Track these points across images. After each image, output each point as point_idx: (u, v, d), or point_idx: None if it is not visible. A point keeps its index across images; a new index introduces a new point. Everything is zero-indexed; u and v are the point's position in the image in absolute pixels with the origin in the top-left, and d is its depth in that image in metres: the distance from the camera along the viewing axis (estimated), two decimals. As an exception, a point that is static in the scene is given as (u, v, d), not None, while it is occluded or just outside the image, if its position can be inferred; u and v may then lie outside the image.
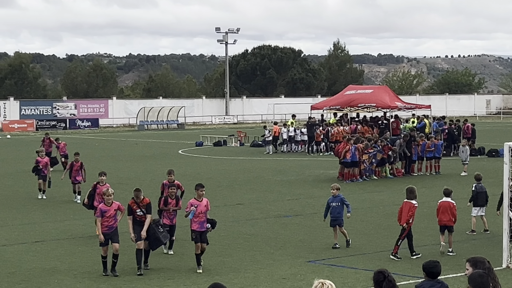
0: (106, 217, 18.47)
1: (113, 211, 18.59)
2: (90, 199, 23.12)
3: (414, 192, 20.53)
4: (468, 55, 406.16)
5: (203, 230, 18.68)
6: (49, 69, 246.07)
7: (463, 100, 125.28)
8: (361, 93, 55.67)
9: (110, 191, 18.86)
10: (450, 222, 20.65)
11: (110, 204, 18.62)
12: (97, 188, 22.95)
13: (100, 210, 18.62)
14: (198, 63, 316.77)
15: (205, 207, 18.80)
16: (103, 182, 23.14)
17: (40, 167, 31.67)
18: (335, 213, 21.41)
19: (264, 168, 43.18)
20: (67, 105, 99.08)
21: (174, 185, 21.05)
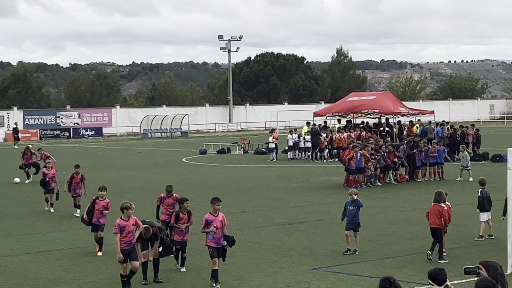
0: (125, 232, 17.64)
1: (132, 226, 17.80)
2: (90, 215, 22.08)
3: (442, 195, 20.59)
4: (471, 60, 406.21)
5: (220, 247, 17.80)
6: (52, 79, 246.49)
7: (467, 105, 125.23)
8: (364, 100, 55.66)
9: (132, 206, 18.10)
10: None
11: (128, 218, 17.81)
12: (96, 203, 22.10)
13: (118, 225, 17.62)
14: (201, 71, 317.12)
15: (221, 223, 17.85)
16: (103, 197, 22.29)
17: (47, 180, 30.83)
18: (350, 217, 21.55)
19: (268, 176, 43.17)
20: (71, 114, 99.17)
21: (186, 199, 19.94)
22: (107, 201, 22.14)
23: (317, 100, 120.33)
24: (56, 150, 72.52)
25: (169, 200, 21.88)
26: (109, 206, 22.17)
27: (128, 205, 17.91)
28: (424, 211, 24.99)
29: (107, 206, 22.10)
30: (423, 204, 29.54)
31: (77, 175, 29.65)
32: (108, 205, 22.16)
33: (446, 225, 20.57)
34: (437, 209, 20.49)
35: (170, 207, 21.66)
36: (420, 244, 22.52)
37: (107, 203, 22.16)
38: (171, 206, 21.63)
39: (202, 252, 20.97)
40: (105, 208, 22.02)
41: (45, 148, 75.31)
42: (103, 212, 21.96)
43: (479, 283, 9.26)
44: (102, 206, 22.00)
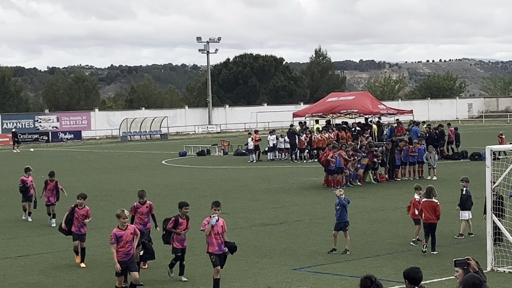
0: (122, 242, 16.63)
1: (130, 236, 16.72)
2: (68, 224, 20.86)
3: (433, 191, 21.41)
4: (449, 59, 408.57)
5: (221, 253, 17.16)
6: (30, 82, 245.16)
7: (445, 104, 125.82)
8: (343, 100, 55.79)
9: (126, 213, 17.09)
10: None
11: (126, 227, 16.76)
12: (75, 212, 20.85)
13: (115, 235, 16.59)
14: (180, 73, 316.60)
15: (221, 228, 17.21)
16: (82, 205, 21.01)
17: (28, 185, 29.24)
18: (337, 216, 21.62)
19: (248, 177, 43.15)
20: (49, 118, 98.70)
21: (187, 204, 19.05)
22: (86, 209, 21.07)
23: (296, 101, 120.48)
24: (34, 154, 72.16)
25: (143, 209, 20.34)
26: (89, 214, 21.12)
27: (118, 213, 16.87)
28: (404, 210, 25.10)
29: (87, 214, 21.04)
30: (402, 203, 29.61)
31: (51, 182, 28.34)
32: (88, 213, 21.11)
33: (438, 219, 21.19)
34: (430, 205, 21.08)
35: (144, 216, 20.24)
36: (400, 243, 22.58)
37: (86, 211, 21.05)
38: (145, 215, 20.26)
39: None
40: (85, 216, 20.94)
41: (24, 153, 75.08)
42: (84, 221, 20.92)
43: (467, 280, 9.25)
44: (81, 215, 20.86)
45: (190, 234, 24.80)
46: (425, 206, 21.27)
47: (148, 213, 20.34)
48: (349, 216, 22.05)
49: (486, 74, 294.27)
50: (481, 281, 9.33)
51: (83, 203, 21.10)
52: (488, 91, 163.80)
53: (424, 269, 18.33)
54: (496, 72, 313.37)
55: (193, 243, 23.18)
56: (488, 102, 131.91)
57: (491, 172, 19.16)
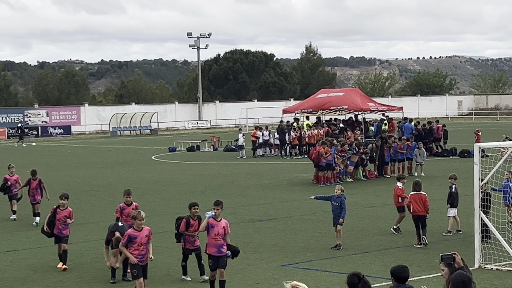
0: (136, 244, 15.85)
1: (145, 238, 15.92)
2: (51, 226, 19.91)
3: (419, 184, 21.97)
4: (440, 56, 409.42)
5: (221, 255, 16.39)
6: (20, 77, 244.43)
7: (435, 101, 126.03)
8: (332, 96, 55.75)
9: (143, 215, 16.06)
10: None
11: (141, 229, 15.96)
12: (57, 213, 19.94)
13: (129, 236, 15.85)
14: (171, 68, 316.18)
15: (223, 229, 16.47)
16: (65, 206, 20.05)
17: (9, 184, 28.25)
18: (335, 213, 21.58)
19: (238, 173, 43.17)
20: (39, 113, 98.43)
21: (196, 204, 18.04)
22: (69, 210, 20.07)
23: (286, 97, 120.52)
24: (24, 149, 71.99)
25: (129, 210, 19.34)
26: (71, 216, 20.14)
27: (135, 214, 16.08)
28: (393, 207, 25.18)
29: (70, 216, 20.05)
30: (391, 200, 29.63)
31: (34, 181, 27.53)
32: (71, 214, 20.12)
33: (427, 212, 21.72)
34: (418, 197, 21.61)
35: (129, 218, 18.79)
36: (389, 239, 22.64)
37: (69, 212, 20.05)
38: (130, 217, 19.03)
39: (172, 250, 20.92)
40: (67, 217, 19.98)
41: (13, 147, 74.88)
42: (66, 221, 19.94)
43: (455, 278, 9.27)
44: (64, 216, 19.90)
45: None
46: (414, 199, 21.68)
47: None
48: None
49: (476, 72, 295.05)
50: (470, 279, 9.37)
51: (66, 203, 20.16)
52: (478, 88, 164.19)
53: (412, 266, 18.42)
54: (486, 69, 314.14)
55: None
56: (478, 100, 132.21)
57: (479, 170, 19.23)
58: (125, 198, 20.00)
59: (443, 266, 10.04)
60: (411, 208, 21.75)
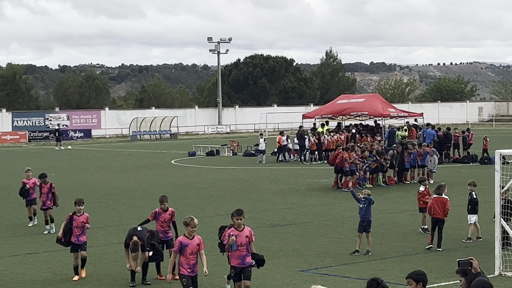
0: (187, 253, 14.98)
1: (196, 247, 15.06)
2: (67, 234, 19.14)
3: (442, 187, 22.18)
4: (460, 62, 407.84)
5: (245, 266, 15.47)
6: (41, 80, 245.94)
7: (456, 107, 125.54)
8: (353, 102, 55.73)
9: (196, 222, 15.16)
10: None
11: (193, 237, 15.13)
12: (73, 220, 19.12)
13: (180, 243, 15.00)
14: (191, 73, 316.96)
15: (246, 239, 15.53)
16: (81, 212, 19.26)
17: (27, 188, 27.35)
18: (361, 214, 21.68)
19: (257, 178, 43.17)
20: (60, 116, 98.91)
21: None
22: (86, 216, 19.33)
23: (306, 102, 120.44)
24: (44, 152, 72.39)
25: (165, 216, 19.09)
26: (88, 221, 19.45)
27: (187, 221, 15.14)
28: (412, 213, 25.18)
29: (87, 221, 19.33)
30: (411, 206, 29.60)
31: (45, 185, 26.35)
32: (88, 220, 19.40)
33: (446, 215, 21.91)
34: (440, 201, 21.84)
35: (165, 224, 19.13)
36: (408, 246, 22.56)
37: (86, 218, 19.31)
38: (167, 222, 19.15)
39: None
40: (85, 223, 19.23)
41: (34, 150, 75.30)
42: (84, 226, 19.22)
43: (477, 285, 9.25)
44: (81, 222, 19.13)
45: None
46: (436, 202, 21.93)
47: (170, 221, 19.17)
48: (358, 219, 22.04)
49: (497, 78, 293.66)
50: (491, 285, 9.34)
51: (82, 209, 19.37)
52: (498, 94, 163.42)
53: (432, 273, 18.35)
54: (507, 76, 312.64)
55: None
56: (499, 106, 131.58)
57: (500, 177, 19.12)
58: (160, 204, 19.21)
59: (459, 276, 10.00)
60: (432, 211, 21.93)
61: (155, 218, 19.12)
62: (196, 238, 15.14)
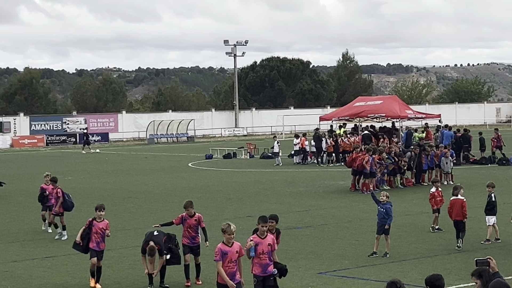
0: (226, 261, 14.31)
1: (235, 254, 14.30)
2: (85, 239, 18.58)
3: (457, 188, 22.68)
4: (477, 63, 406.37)
5: (267, 275, 14.84)
6: (59, 84, 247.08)
7: (473, 108, 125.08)
8: (370, 105, 55.60)
9: (233, 228, 14.34)
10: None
11: (231, 244, 14.34)
12: (93, 226, 18.59)
13: (221, 251, 14.23)
14: (207, 76, 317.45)
15: (268, 246, 14.78)
16: (101, 218, 18.68)
17: (47, 194, 26.85)
18: (380, 217, 21.69)
19: (274, 180, 43.15)
20: (77, 120, 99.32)
21: (274, 217, 16.29)
22: (106, 222, 18.77)
23: (323, 104, 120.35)
24: (62, 156, 72.67)
25: (191, 221, 18.60)
26: (108, 228, 18.89)
27: (224, 228, 14.36)
28: (430, 215, 25.10)
29: (107, 228, 18.79)
30: (429, 207, 29.45)
31: (54, 189, 25.99)
32: (108, 226, 18.85)
33: (465, 217, 22.26)
34: (459, 202, 22.20)
35: (192, 230, 18.62)
36: (426, 247, 22.48)
37: (106, 224, 18.77)
38: (193, 228, 18.63)
39: (210, 256, 20.94)
40: (105, 230, 18.72)
41: (52, 154, 75.61)
42: (105, 233, 18.72)
43: (494, 286, 9.21)
44: (101, 229, 18.59)
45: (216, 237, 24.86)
46: (453, 204, 22.23)
47: (197, 226, 18.64)
48: (376, 221, 21.98)
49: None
50: (509, 286, 9.29)
51: (102, 215, 18.75)
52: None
53: (450, 274, 18.30)
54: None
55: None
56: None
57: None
58: (186, 210, 18.61)
59: (475, 279, 9.95)
60: (452, 214, 22.30)
61: (181, 223, 18.59)
62: (235, 244, 14.37)
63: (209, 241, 18.72)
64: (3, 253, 23.19)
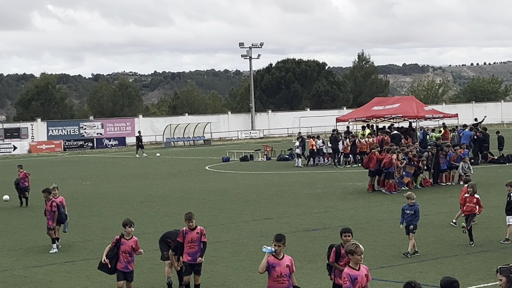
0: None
1: (364, 278, 12.52)
2: (113, 259, 16.74)
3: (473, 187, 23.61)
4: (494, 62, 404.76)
5: None
6: (75, 89, 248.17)
7: (490, 107, 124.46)
8: (388, 109, 55.46)
9: (362, 248, 12.65)
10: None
11: (359, 267, 12.56)
12: (121, 244, 16.74)
13: (349, 276, 12.49)
14: (223, 78, 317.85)
15: (287, 268, 13.43)
16: (130, 235, 16.79)
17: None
18: (407, 220, 21.82)
19: (291, 182, 43.14)
20: (94, 125, 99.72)
21: (348, 230, 14.82)
22: (135, 239, 16.90)
23: (339, 105, 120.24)
24: (80, 160, 72.97)
25: (192, 235, 16.88)
26: (138, 245, 16.94)
27: (352, 249, 12.57)
28: (448, 215, 25.03)
29: (136, 246, 16.88)
30: (447, 208, 29.43)
31: (49, 202, 24.43)
32: (137, 244, 16.92)
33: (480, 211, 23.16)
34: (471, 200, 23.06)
35: (193, 243, 16.93)
36: (445, 248, 22.41)
37: (135, 242, 16.88)
38: (195, 242, 16.92)
39: (227, 260, 20.95)
40: (133, 249, 16.86)
41: (69, 159, 75.86)
42: (136, 251, 16.87)
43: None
44: (130, 247, 16.76)
45: (234, 239, 24.89)
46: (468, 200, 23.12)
47: (199, 240, 16.94)
48: (394, 221, 21.99)
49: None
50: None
51: (131, 231, 16.85)
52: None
53: (470, 275, 18.25)
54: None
55: (236, 248, 23.27)
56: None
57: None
58: (186, 223, 17.04)
59: (500, 276, 9.93)
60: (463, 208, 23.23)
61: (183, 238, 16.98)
62: (363, 268, 12.60)
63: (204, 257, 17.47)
64: (22, 258, 23.32)
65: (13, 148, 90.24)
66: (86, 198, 38.43)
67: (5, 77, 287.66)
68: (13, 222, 31.64)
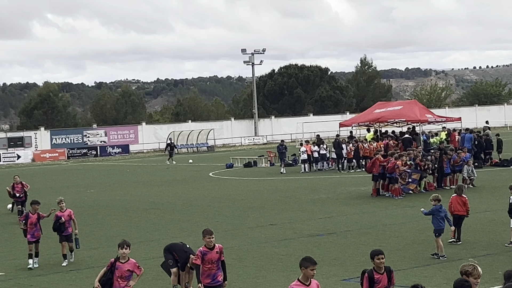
0: None
1: None
2: (107, 285, 15.02)
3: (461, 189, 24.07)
4: (496, 65, 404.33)
5: None
6: (78, 98, 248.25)
7: (493, 111, 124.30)
8: (390, 111, 55.46)
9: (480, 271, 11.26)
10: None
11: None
12: (116, 268, 14.98)
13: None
14: (226, 85, 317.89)
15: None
16: (125, 258, 15.02)
17: (63, 221, 23.72)
18: (436, 224, 22.17)
19: (296, 188, 43.11)
20: (97, 133, 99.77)
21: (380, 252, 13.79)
22: (132, 262, 15.11)
23: (342, 110, 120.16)
24: (83, 169, 72.99)
25: (212, 255, 15.15)
26: (136, 268, 15.18)
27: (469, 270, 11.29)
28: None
29: (134, 269, 15.12)
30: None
31: (33, 215, 23.63)
32: (135, 266, 15.17)
33: (467, 213, 23.50)
34: (460, 200, 23.46)
35: (213, 265, 15.19)
36: (451, 251, 22.38)
37: (133, 265, 15.12)
38: (214, 263, 15.20)
39: (232, 266, 20.93)
40: (131, 273, 15.09)
41: (73, 167, 75.90)
42: (133, 273, 15.15)
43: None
44: (126, 271, 15.01)
45: (239, 246, 24.86)
46: (455, 200, 23.54)
47: (219, 259, 15.26)
48: (398, 226, 21.93)
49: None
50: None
51: (127, 253, 15.05)
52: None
53: (475, 278, 18.15)
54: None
55: (241, 254, 23.24)
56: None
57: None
58: (207, 238, 15.18)
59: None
60: (452, 208, 23.45)
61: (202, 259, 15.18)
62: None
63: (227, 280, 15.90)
64: (27, 267, 23.30)
65: (17, 157, 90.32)
66: (90, 206, 38.42)
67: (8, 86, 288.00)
68: (18, 231, 31.59)
